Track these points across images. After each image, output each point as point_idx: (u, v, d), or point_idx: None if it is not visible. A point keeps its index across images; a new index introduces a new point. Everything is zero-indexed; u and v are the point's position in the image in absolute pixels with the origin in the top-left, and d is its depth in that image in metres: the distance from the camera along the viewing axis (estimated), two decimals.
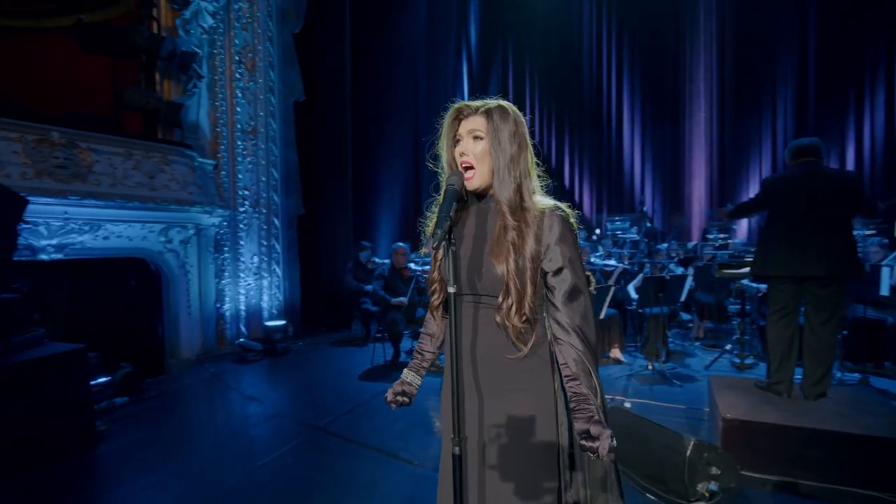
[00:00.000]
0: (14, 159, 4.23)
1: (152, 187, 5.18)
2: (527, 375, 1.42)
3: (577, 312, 1.38)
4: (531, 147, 1.48)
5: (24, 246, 4.49)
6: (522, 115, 1.48)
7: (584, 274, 1.44)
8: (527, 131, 1.46)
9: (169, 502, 2.91)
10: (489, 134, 1.39)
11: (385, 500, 2.78)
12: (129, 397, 4.45)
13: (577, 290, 1.39)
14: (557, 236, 1.38)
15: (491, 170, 1.41)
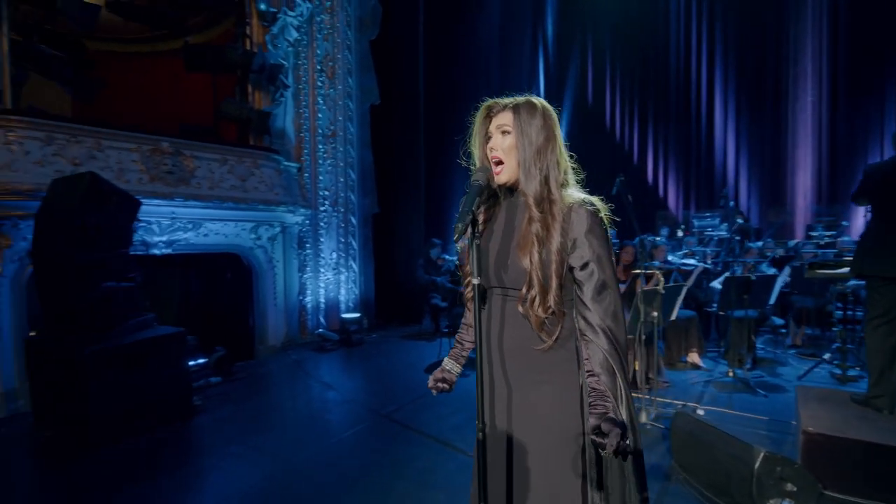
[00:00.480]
0: (132, 167, 4.89)
1: (244, 189, 5.72)
2: (553, 368, 1.43)
3: (604, 309, 1.36)
4: (561, 140, 1.48)
5: (140, 242, 5.18)
6: (553, 109, 1.49)
7: (614, 269, 1.42)
8: (556, 125, 1.46)
9: (249, 470, 3.23)
10: (516, 128, 1.42)
11: (438, 486, 2.88)
12: (222, 377, 4.98)
13: (605, 286, 1.37)
14: (585, 230, 1.37)
15: (518, 163, 1.43)
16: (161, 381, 3.87)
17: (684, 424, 2.92)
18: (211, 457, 3.52)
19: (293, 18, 6.59)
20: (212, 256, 6.03)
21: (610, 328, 1.35)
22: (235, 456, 3.48)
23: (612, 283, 1.39)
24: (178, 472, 3.24)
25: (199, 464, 3.42)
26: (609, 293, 1.38)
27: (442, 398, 4.26)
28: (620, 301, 1.42)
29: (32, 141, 4.38)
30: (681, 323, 5.11)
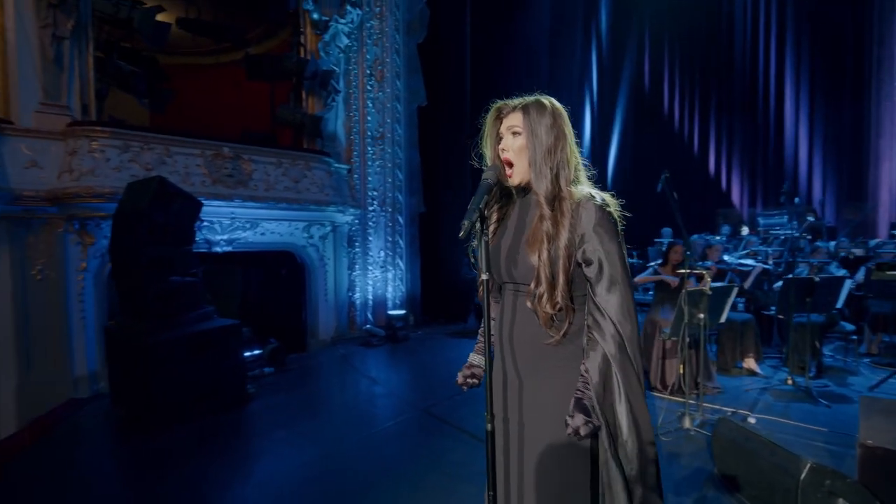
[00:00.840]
0: (196, 170, 5.29)
1: (297, 190, 6.02)
2: (563, 363, 1.44)
3: (613, 304, 1.36)
4: (571, 138, 1.49)
5: (203, 240, 5.59)
6: (563, 108, 1.50)
7: (625, 264, 1.41)
8: (566, 123, 1.48)
9: (295, 455, 3.43)
10: (526, 128, 1.44)
11: (469, 479, 2.93)
12: (275, 368, 5.28)
13: (614, 280, 1.37)
14: (593, 225, 1.38)
15: (529, 163, 1.46)
16: (218, 369, 4.18)
17: (727, 431, 2.79)
18: (261, 440, 3.77)
19: (344, 25, 6.85)
20: (268, 254, 6.40)
21: (618, 323, 1.35)
22: (283, 441, 3.70)
23: (621, 277, 1.38)
24: (231, 453, 3.49)
25: (250, 446, 3.67)
26: (618, 288, 1.37)
27: (479, 396, 4.30)
28: (631, 296, 1.40)
29: (112, 149, 4.86)
30: (736, 326, 4.85)
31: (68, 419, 4.22)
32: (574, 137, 1.51)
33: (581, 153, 1.54)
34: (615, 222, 1.41)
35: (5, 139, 4.57)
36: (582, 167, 1.53)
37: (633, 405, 1.33)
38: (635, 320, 1.40)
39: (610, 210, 1.42)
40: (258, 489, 2.99)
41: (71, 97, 4.99)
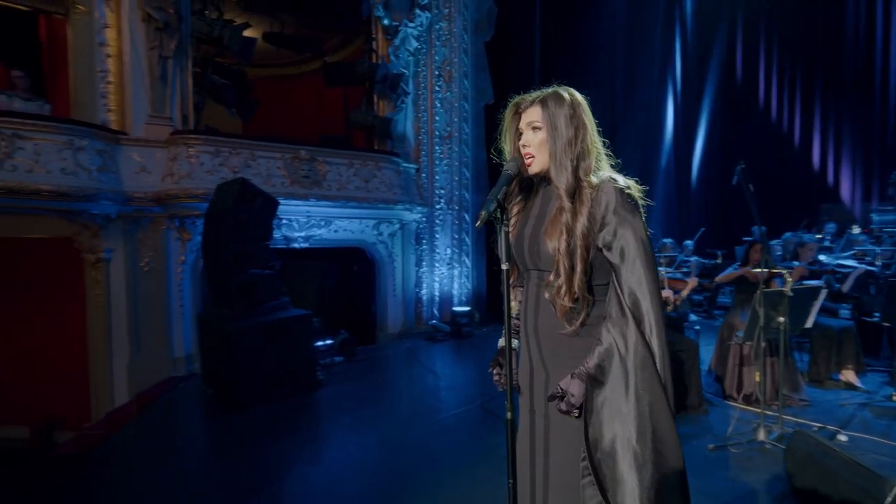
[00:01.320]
0: (276, 172, 5.74)
1: (367, 190, 6.32)
2: (581, 354, 1.42)
3: (634, 288, 1.32)
4: (591, 127, 1.47)
5: (283, 237, 6.04)
6: (583, 97, 1.48)
7: (647, 247, 1.36)
8: (586, 113, 1.45)
9: (356, 439, 3.63)
10: (545, 122, 1.44)
11: None
12: (345, 358, 5.58)
13: (634, 263, 1.33)
14: (613, 208, 1.35)
15: (549, 156, 1.46)
16: (291, 355, 4.50)
17: (803, 445, 2.54)
18: (328, 424, 4.02)
19: (413, 29, 7.05)
20: (342, 250, 6.77)
21: (638, 308, 1.32)
22: (347, 426, 3.92)
23: (642, 260, 1.34)
24: (300, 434, 3.77)
25: (316, 429, 3.93)
26: (640, 272, 1.33)
27: None
28: (655, 280, 1.35)
29: (205, 154, 5.41)
30: (832, 334, 4.35)
31: (167, 394, 4.78)
32: (595, 126, 1.49)
33: (603, 142, 1.52)
34: (636, 204, 1.37)
35: (121, 148, 5.26)
36: (604, 156, 1.50)
37: (647, 400, 1.28)
38: (658, 308, 1.34)
39: (630, 192, 1.38)
40: (323, 468, 3.22)
41: (173, 109, 5.63)
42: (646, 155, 10.51)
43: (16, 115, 4.72)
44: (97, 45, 5.42)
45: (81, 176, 4.78)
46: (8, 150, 4.51)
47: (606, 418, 1.35)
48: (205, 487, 3.06)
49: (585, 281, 1.39)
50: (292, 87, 8.17)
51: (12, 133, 4.54)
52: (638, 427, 1.29)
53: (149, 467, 3.38)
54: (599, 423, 1.36)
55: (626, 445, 1.32)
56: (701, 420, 3.68)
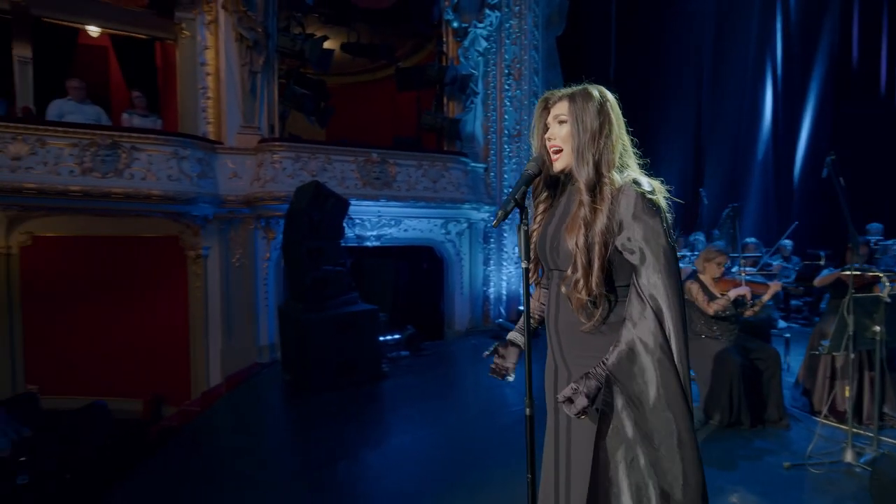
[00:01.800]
0: (350, 175, 6.08)
1: (435, 190, 6.49)
2: (601, 353, 1.42)
3: (654, 290, 1.30)
4: (620, 125, 1.45)
5: (356, 236, 6.39)
6: (612, 95, 1.47)
7: (669, 252, 1.33)
8: (614, 110, 1.44)
9: (414, 430, 3.78)
10: (571, 115, 1.44)
11: None
12: (411, 352, 5.78)
13: (656, 268, 1.30)
14: (632, 213, 1.33)
15: (573, 149, 1.46)
16: (358, 347, 4.77)
17: (890, 469, 2.26)
18: (390, 414, 4.23)
19: (482, 29, 7.11)
20: (411, 249, 7.01)
21: (658, 310, 1.30)
22: (407, 417, 4.10)
23: (661, 262, 1.31)
24: (363, 421, 4.00)
25: (379, 418, 4.15)
26: (661, 276, 1.30)
27: None
28: (677, 284, 1.32)
29: (287, 160, 5.88)
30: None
31: (252, 378, 5.28)
32: (624, 125, 1.48)
33: (633, 141, 1.50)
34: (658, 209, 1.34)
35: (217, 156, 5.88)
36: (632, 154, 1.48)
37: (665, 400, 1.26)
38: (679, 311, 1.31)
39: (652, 197, 1.35)
40: (381, 453, 3.40)
41: (261, 120, 6.18)
42: (738, 147, 9.66)
43: (134, 131, 5.47)
44: (199, 64, 6.10)
45: (184, 182, 5.42)
46: (127, 160, 5.23)
47: (626, 419, 1.34)
48: (279, 458, 3.42)
49: (603, 278, 1.38)
50: (368, 93, 8.58)
51: (131, 146, 5.26)
52: (655, 428, 1.27)
53: (235, 439, 3.81)
54: (621, 423, 1.35)
55: (644, 446, 1.31)
56: (780, 435, 3.38)
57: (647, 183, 1.37)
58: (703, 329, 3.69)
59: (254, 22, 5.99)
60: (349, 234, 6.39)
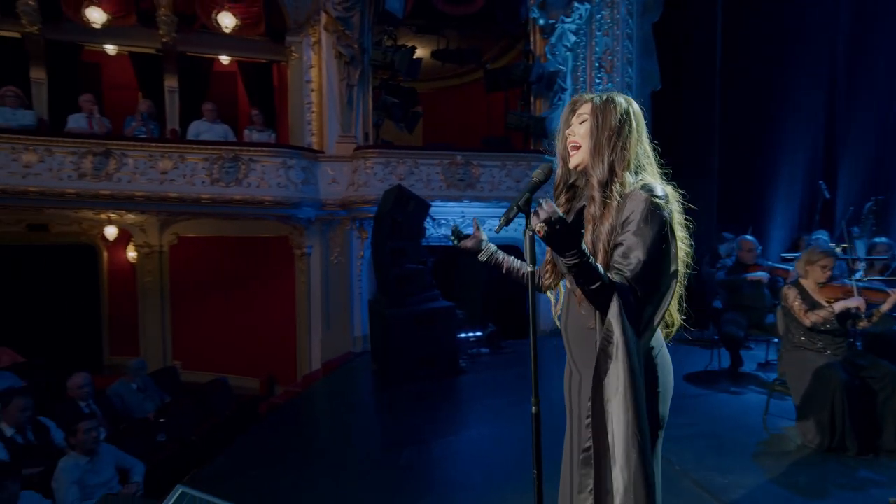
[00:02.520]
0: (435, 177, 6.36)
1: (518, 190, 6.50)
2: (601, 357, 1.43)
3: (626, 267, 1.31)
4: (640, 131, 1.45)
5: (443, 236, 6.65)
6: (639, 107, 1.48)
7: (652, 255, 1.31)
8: (635, 115, 1.44)
9: (481, 425, 3.91)
10: (592, 114, 1.47)
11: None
12: (491, 350, 5.89)
13: (630, 251, 1.31)
14: (634, 219, 1.33)
15: (590, 146, 1.48)
16: (436, 342, 5.01)
17: None
18: (462, 407, 4.40)
19: (570, 24, 6.95)
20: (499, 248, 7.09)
21: (628, 278, 1.29)
22: (478, 411, 4.24)
23: (640, 253, 1.30)
24: (437, 413, 4.21)
25: (452, 410, 4.33)
26: (633, 258, 1.30)
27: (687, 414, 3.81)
28: (644, 293, 1.32)
29: (378, 165, 6.33)
30: None
31: (345, 365, 5.80)
32: (645, 131, 1.48)
33: (656, 147, 1.50)
34: (662, 219, 1.31)
35: (318, 164, 6.52)
36: (652, 160, 1.47)
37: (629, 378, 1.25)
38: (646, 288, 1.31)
39: (659, 202, 1.33)
40: (454, 444, 3.56)
41: (357, 129, 6.72)
42: (886, 132, 8.21)
43: (251, 145, 6.29)
44: (305, 82, 6.82)
45: (290, 188, 6.11)
46: (245, 171, 6.04)
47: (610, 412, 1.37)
48: (362, 439, 3.82)
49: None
50: (460, 97, 8.84)
51: (248, 158, 6.06)
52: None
53: (329, 418, 4.29)
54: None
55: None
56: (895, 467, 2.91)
57: (661, 188, 1.36)
58: (804, 342, 3.29)
59: (350, 39, 6.52)
60: (436, 234, 6.69)
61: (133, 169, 5.85)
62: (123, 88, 7.78)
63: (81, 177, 5.74)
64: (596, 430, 1.41)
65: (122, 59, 7.67)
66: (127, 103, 7.24)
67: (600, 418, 1.38)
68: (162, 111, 7.17)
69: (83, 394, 4.34)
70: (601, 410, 1.38)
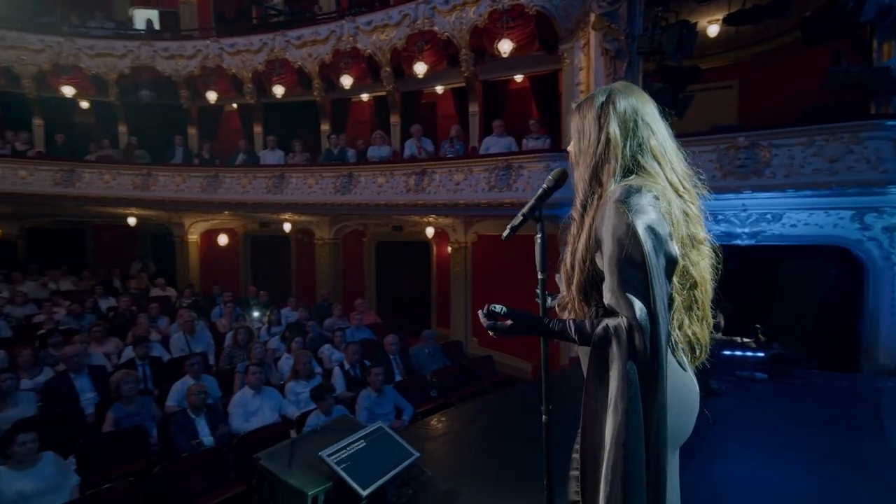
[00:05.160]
0: (707, 166, 5.49)
1: (831, 172, 4.90)
2: (592, 372, 1.34)
3: (607, 287, 1.21)
4: (624, 126, 1.30)
5: (724, 234, 5.70)
6: (630, 91, 1.32)
7: (622, 264, 1.16)
8: (615, 109, 1.30)
9: (723, 463, 3.38)
10: (574, 127, 1.43)
11: None
12: (771, 376, 4.71)
13: (613, 263, 1.19)
14: (606, 226, 1.23)
15: (574, 163, 1.44)
16: None
17: None
18: (704, 434, 3.80)
19: None
20: (805, 249, 5.54)
21: (610, 300, 1.20)
22: (720, 440, 3.60)
23: (616, 266, 1.16)
24: None
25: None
26: (614, 273, 1.17)
27: None
28: (621, 284, 1.16)
29: None
30: None
31: None
32: (648, 123, 1.30)
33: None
34: (624, 218, 1.16)
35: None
36: (656, 150, 1.29)
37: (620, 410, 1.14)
38: (629, 340, 1.14)
39: (624, 206, 1.18)
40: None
41: None
42: None
43: (521, 153, 7.03)
44: (574, 85, 7.06)
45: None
46: (515, 176, 6.82)
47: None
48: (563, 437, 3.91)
49: (583, 299, 1.33)
50: (758, 67, 7.12)
51: (518, 165, 6.82)
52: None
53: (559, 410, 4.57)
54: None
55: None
56: None
57: (638, 192, 1.18)
58: None
59: (616, 32, 6.34)
60: (717, 232, 5.80)
61: (438, 183, 7.50)
62: (449, 118, 9.88)
63: (408, 191, 7.77)
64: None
65: (447, 94, 9.76)
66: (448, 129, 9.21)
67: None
68: (467, 132, 8.79)
69: (393, 349, 6.02)
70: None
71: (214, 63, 9.81)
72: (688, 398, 1.31)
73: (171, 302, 9.05)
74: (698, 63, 6.44)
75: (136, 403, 4.22)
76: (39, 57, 9.86)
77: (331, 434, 2.91)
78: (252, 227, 11.61)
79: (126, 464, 3.55)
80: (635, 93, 1.32)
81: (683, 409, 1.28)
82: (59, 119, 10.91)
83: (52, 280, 9.79)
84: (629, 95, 1.31)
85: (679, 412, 1.25)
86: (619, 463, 1.14)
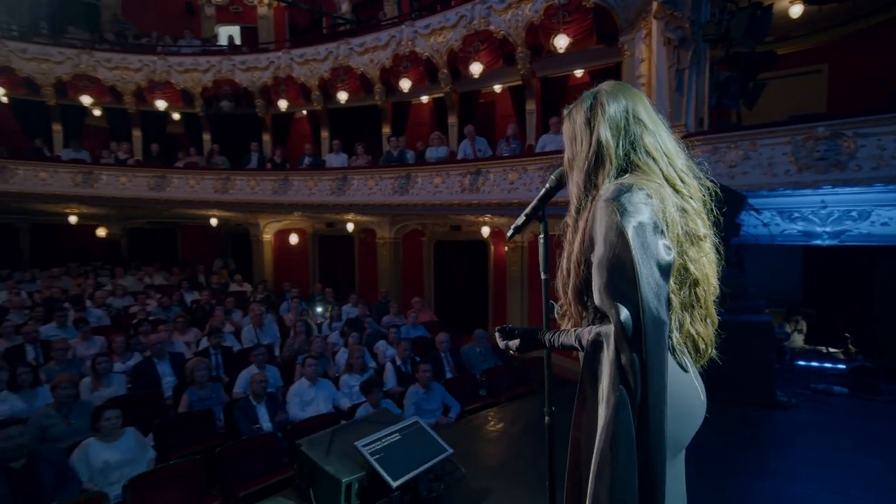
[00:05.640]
0: (781, 159, 5.06)
1: None
2: (586, 377, 1.34)
3: (595, 288, 1.19)
4: (615, 124, 1.28)
5: (801, 233, 5.24)
6: (617, 89, 1.30)
7: (612, 261, 1.14)
8: (604, 110, 1.28)
9: (786, 483, 3.16)
10: (565, 133, 1.42)
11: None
12: (852, 391, 4.26)
13: (601, 263, 1.17)
14: (595, 226, 1.22)
15: (568, 170, 1.43)
16: (740, 363, 4.12)
17: None
18: (763, 451, 3.52)
19: None
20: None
21: (600, 300, 1.18)
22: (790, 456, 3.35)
23: (607, 264, 1.15)
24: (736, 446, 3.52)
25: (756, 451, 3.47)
26: (604, 272, 1.16)
27: None
28: (611, 283, 1.14)
29: (704, 154, 5.61)
30: None
31: None
32: (645, 122, 1.27)
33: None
34: (613, 217, 1.14)
35: None
36: (651, 147, 1.26)
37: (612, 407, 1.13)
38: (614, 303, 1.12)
39: (614, 204, 1.16)
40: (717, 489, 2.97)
41: (689, 115, 6.13)
42: None
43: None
44: (636, 77, 6.76)
45: None
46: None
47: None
48: None
49: (580, 302, 1.32)
50: (851, 49, 6.36)
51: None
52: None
53: None
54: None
55: None
56: None
57: (635, 187, 1.16)
58: None
59: (680, 20, 6.00)
60: (793, 232, 5.37)
61: (492, 182, 7.50)
62: (507, 116, 9.81)
63: (462, 191, 7.84)
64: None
65: (504, 93, 9.71)
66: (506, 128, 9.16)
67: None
68: (524, 130, 8.69)
69: (444, 347, 6.12)
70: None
71: (285, 73, 10.44)
72: (687, 403, 1.26)
73: (246, 296, 9.75)
74: (776, 48, 5.92)
75: (207, 389, 4.62)
76: (138, 75, 11.01)
77: (370, 426, 3.03)
78: (319, 227, 12.22)
79: (195, 443, 3.91)
80: (625, 91, 1.29)
81: (681, 414, 1.23)
82: (154, 130, 12.12)
83: (147, 275, 10.92)
84: (618, 94, 1.28)
85: (676, 417, 1.20)
86: (604, 466, 1.13)
